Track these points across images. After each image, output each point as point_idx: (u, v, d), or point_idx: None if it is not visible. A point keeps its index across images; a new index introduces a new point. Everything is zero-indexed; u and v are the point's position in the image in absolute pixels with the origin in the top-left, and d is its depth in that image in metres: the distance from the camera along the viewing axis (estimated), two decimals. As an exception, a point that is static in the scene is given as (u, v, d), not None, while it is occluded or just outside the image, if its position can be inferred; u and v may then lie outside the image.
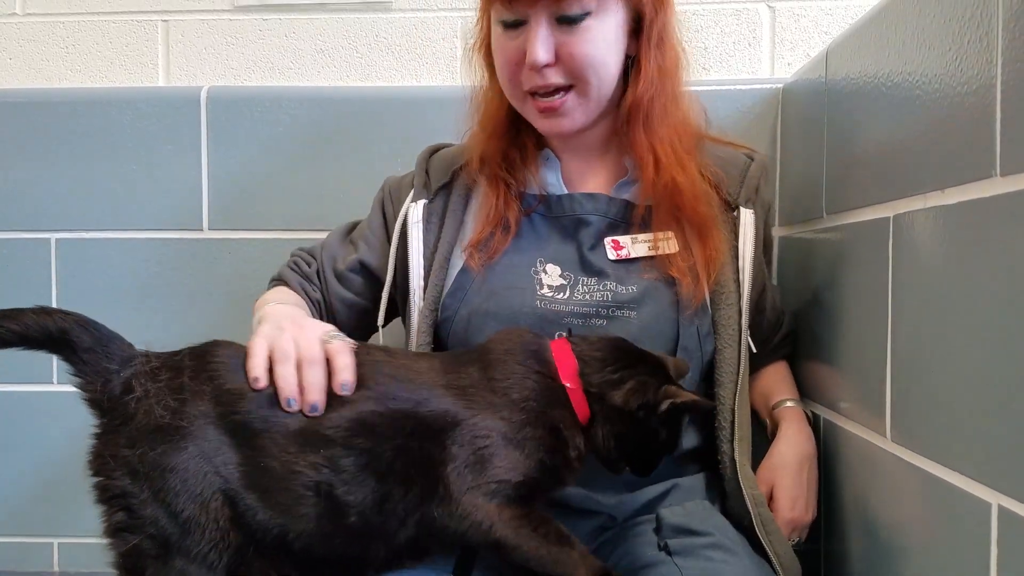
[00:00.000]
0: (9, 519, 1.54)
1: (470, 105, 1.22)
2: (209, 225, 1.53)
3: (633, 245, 1.13)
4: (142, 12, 1.61)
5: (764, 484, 1.12)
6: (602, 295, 1.09)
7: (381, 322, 1.22)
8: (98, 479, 0.87)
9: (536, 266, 1.12)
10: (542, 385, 0.95)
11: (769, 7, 1.54)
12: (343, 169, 1.50)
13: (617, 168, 1.19)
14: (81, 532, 1.51)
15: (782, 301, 1.27)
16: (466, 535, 0.89)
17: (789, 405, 1.21)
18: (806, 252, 1.29)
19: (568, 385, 0.96)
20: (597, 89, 1.10)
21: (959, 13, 0.79)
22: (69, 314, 0.89)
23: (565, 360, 0.97)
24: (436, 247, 1.17)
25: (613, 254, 1.12)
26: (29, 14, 1.62)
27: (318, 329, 0.98)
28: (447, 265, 1.16)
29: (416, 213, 1.18)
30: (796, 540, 1.12)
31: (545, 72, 1.07)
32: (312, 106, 1.51)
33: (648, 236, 1.13)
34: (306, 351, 0.93)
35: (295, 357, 0.93)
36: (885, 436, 0.95)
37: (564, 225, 1.15)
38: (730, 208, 1.16)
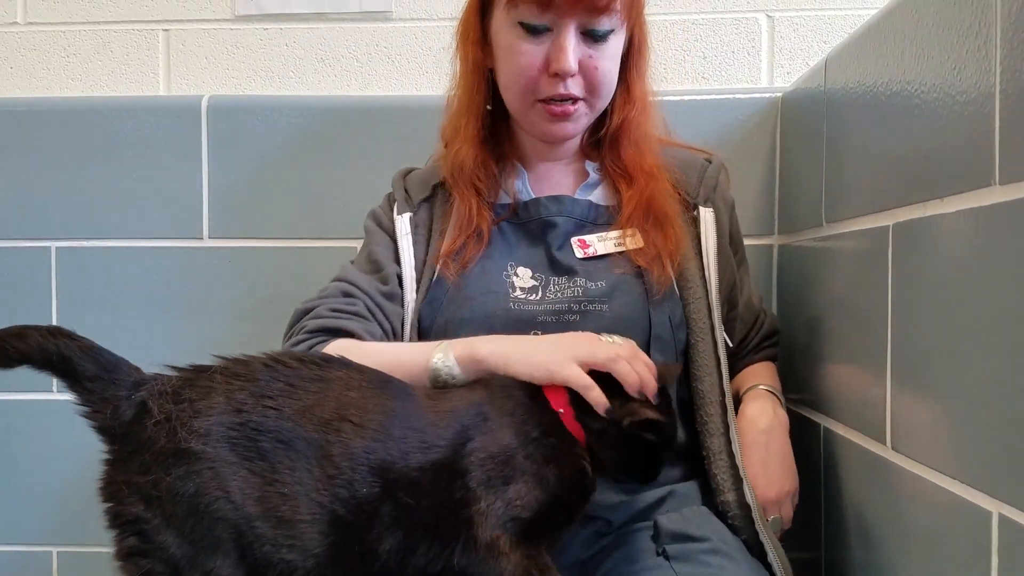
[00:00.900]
0: (8, 528, 1.53)
1: (444, 115, 1.24)
2: (209, 234, 1.53)
3: (600, 243, 1.16)
4: (143, 21, 1.61)
5: None
6: (573, 292, 1.11)
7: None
8: (109, 505, 0.85)
9: (507, 270, 1.14)
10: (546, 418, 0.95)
11: (768, 16, 1.55)
12: (343, 178, 1.50)
13: (580, 171, 1.23)
14: (80, 541, 1.51)
15: (783, 309, 1.27)
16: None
17: (759, 389, 1.20)
18: (806, 260, 1.30)
19: (560, 411, 0.95)
20: (603, 103, 1.16)
21: (958, 22, 0.79)
22: (75, 339, 0.86)
23: (552, 388, 0.97)
24: (425, 260, 1.18)
25: (580, 252, 1.15)
26: (30, 23, 1.62)
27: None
28: (433, 276, 1.16)
29: (404, 225, 1.20)
30: (779, 525, 1.11)
31: (568, 82, 1.10)
32: (312, 115, 1.51)
33: (614, 234, 1.16)
34: (615, 348, 0.98)
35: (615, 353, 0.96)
36: (885, 444, 0.95)
37: (532, 229, 1.18)
38: (690, 208, 1.20)
